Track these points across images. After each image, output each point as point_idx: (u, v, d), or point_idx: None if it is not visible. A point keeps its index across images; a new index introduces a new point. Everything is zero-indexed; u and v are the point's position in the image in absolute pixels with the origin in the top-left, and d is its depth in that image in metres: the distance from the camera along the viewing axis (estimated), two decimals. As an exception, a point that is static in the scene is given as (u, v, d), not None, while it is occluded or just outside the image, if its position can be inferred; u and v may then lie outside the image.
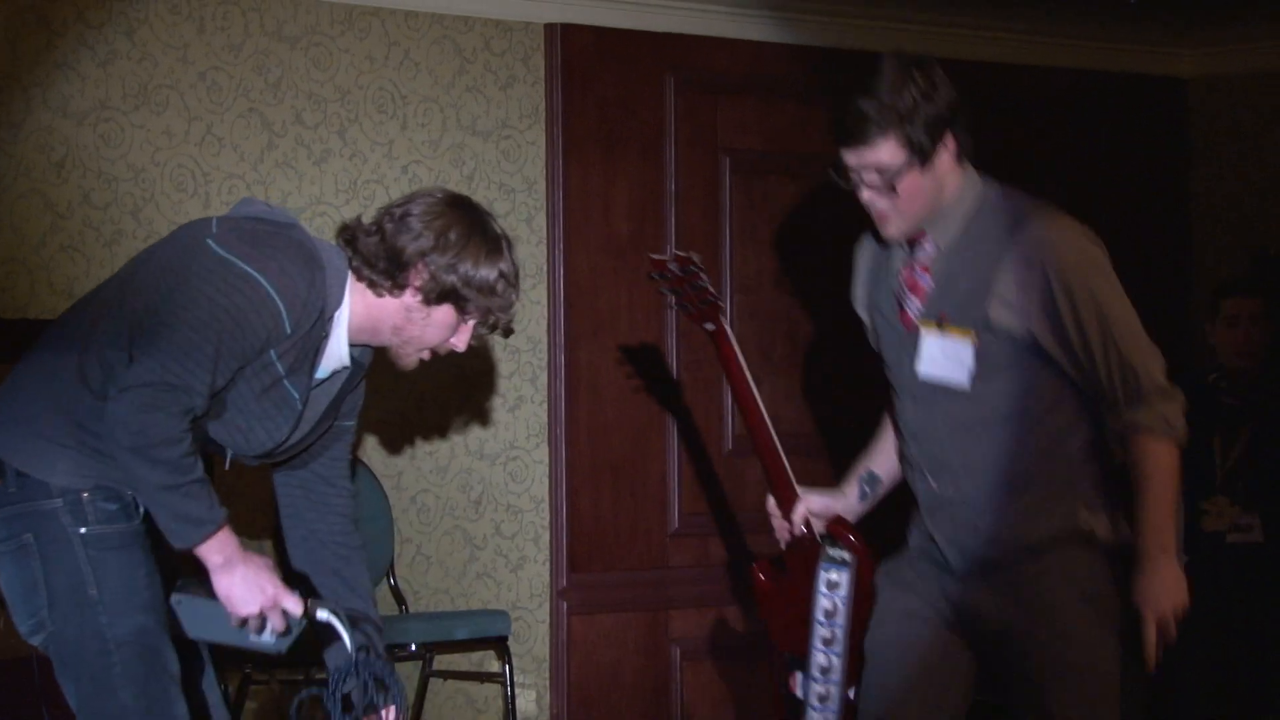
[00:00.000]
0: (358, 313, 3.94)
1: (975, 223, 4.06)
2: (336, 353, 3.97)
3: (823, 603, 4.45)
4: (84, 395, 3.80)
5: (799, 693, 4.82)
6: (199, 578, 3.82)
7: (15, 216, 6.16)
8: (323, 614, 3.84)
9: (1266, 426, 6.39)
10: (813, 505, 4.46)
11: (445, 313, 3.94)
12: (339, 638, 3.86)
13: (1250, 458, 6.40)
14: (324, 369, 3.98)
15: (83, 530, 3.79)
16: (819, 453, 7.35)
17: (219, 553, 3.74)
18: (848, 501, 4.46)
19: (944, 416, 4.07)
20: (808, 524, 4.50)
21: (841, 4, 7.53)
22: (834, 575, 4.47)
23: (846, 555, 4.41)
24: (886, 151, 4.02)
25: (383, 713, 3.96)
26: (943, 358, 4.04)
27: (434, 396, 6.91)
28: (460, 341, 4.00)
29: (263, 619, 3.79)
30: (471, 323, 3.98)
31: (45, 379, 3.87)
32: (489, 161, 7.01)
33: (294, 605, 3.80)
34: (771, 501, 4.58)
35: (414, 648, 6.44)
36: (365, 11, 6.76)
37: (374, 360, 4.15)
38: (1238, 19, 7.94)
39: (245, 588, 3.76)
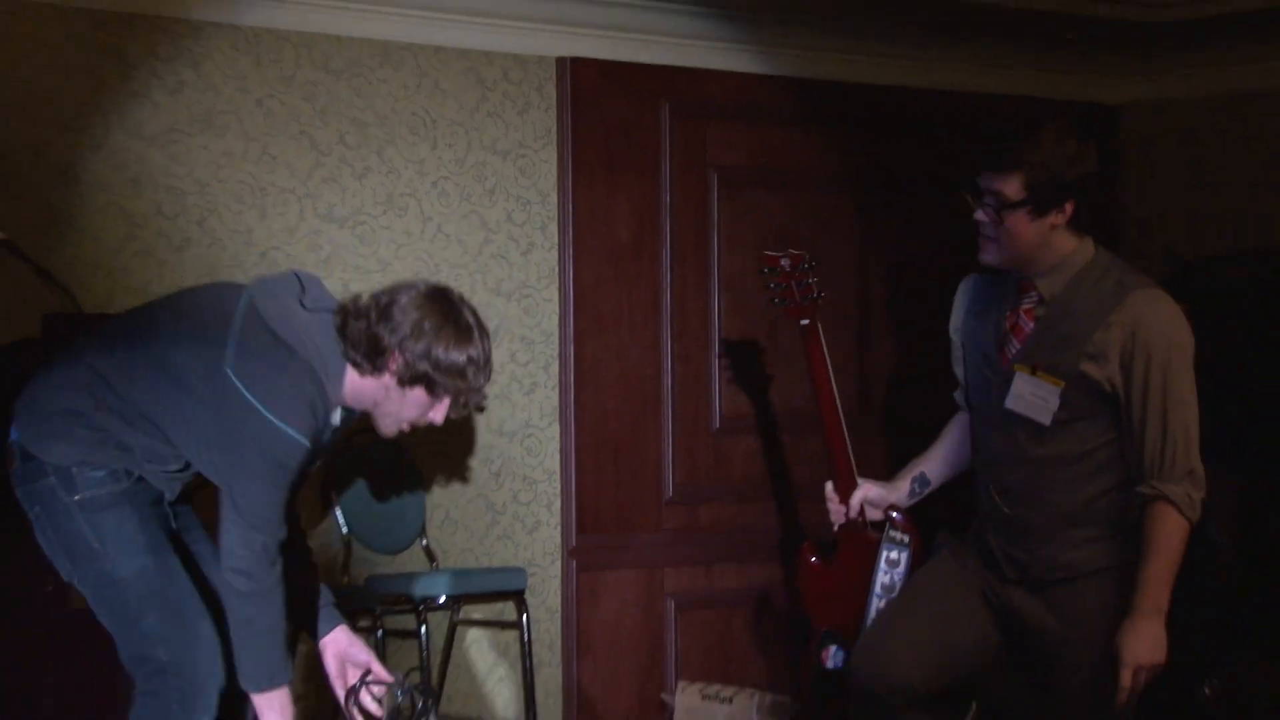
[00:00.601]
0: (350, 387, 3.97)
1: (1082, 283, 3.98)
2: (332, 418, 4.04)
3: (882, 578, 4.45)
4: (88, 403, 3.89)
5: (829, 664, 4.83)
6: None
7: (96, 226, 6.17)
8: None
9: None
10: (870, 494, 4.45)
11: (419, 394, 3.93)
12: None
13: None
14: (326, 436, 4.07)
15: (76, 498, 3.87)
16: (774, 429, 7.45)
17: (280, 714, 3.90)
18: (899, 495, 4.44)
19: (1019, 449, 4.02)
20: (861, 509, 4.48)
21: (814, 39, 7.52)
22: (894, 554, 4.48)
23: (906, 538, 4.41)
24: (1010, 185, 3.96)
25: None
26: (1030, 398, 3.98)
27: None
28: (438, 417, 4.00)
29: None
30: (445, 402, 3.97)
31: (67, 383, 3.96)
32: (508, 177, 7.01)
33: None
34: (830, 487, 4.55)
35: (443, 599, 6.43)
36: (399, 47, 6.75)
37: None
38: (1163, 51, 7.95)
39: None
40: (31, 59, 6.07)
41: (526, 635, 6.63)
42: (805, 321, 5.77)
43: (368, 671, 4.09)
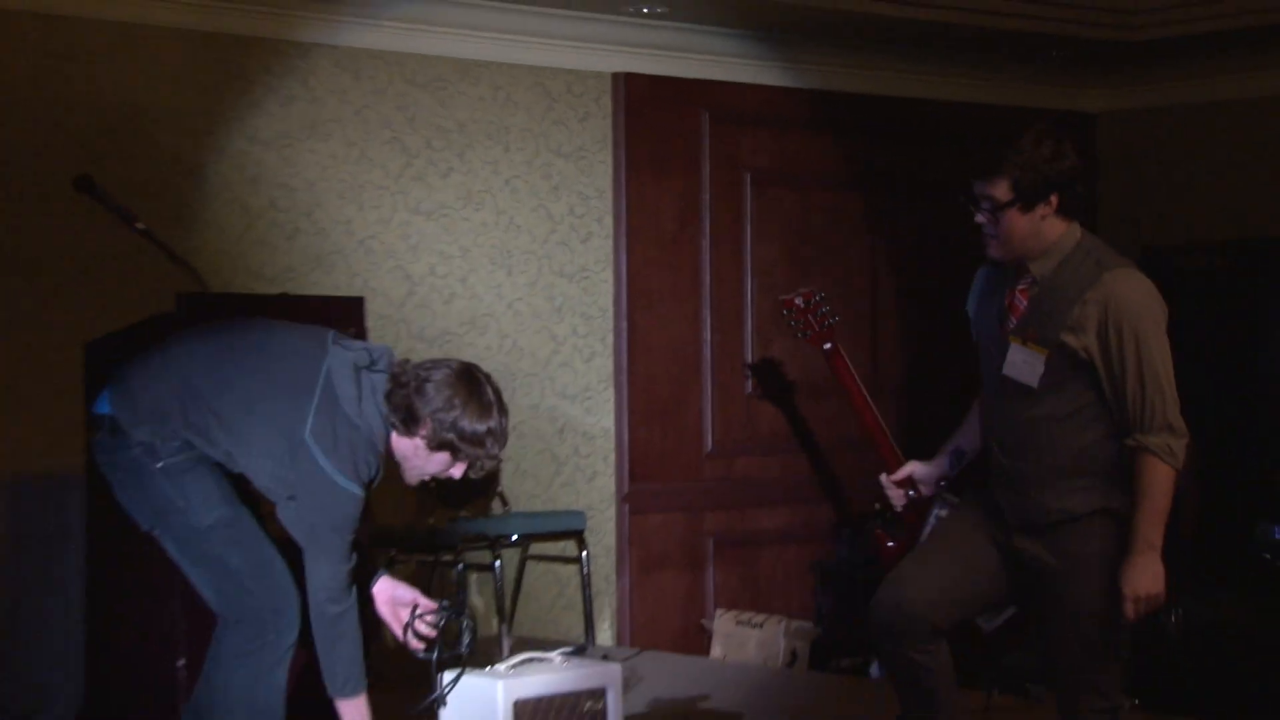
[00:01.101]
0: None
1: (1068, 265, 3.87)
2: None
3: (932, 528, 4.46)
4: (176, 409, 3.93)
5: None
6: None
7: (220, 218, 6.20)
8: None
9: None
10: (917, 473, 4.32)
11: (443, 455, 3.94)
12: None
13: None
14: None
15: (159, 465, 3.91)
16: (797, 394, 7.47)
17: (361, 716, 3.98)
18: (942, 468, 4.31)
19: (1015, 409, 3.92)
20: (914, 486, 4.39)
21: (832, 58, 7.54)
22: (944, 512, 4.47)
23: (955, 500, 4.37)
24: (999, 189, 3.85)
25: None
26: (1022, 364, 3.89)
27: (530, 351, 6.92)
28: (456, 473, 4.01)
29: None
30: (465, 463, 3.97)
31: (162, 388, 3.96)
32: (570, 176, 7.04)
33: None
34: (884, 477, 4.47)
35: (515, 538, 6.42)
36: (477, 64, 6.78)
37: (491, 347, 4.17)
38: (1136, 66, 7.93)
39: None
40: (167, 78, 6.12)
41: (586, 569, 6.62)
42: (827, 346, 5.86)
43: (415, 605, 4.12)
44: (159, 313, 4.99)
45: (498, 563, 6.31)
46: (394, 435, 3.95)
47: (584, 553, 6.64)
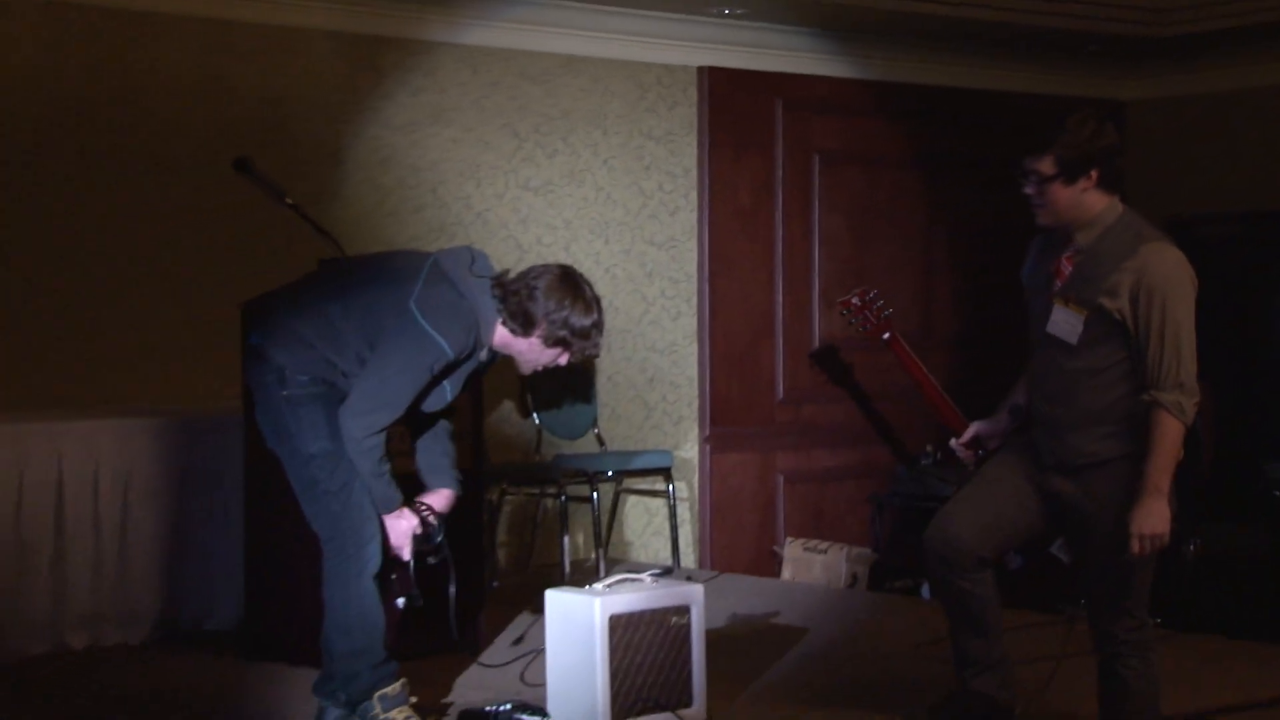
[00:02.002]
0: (499, 338, 4.00)
1: (1109, 236, 3.83)
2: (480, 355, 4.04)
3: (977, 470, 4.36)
4: (313, 334, 3.92)
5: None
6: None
7: (356, 195, 6.25)
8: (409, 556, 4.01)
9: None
10: (981, 431, 4.23)
11: (555, 350, 3.97)
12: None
13: None
14: (472, 362, 4.02)
15: (285, 393, 3.92)
16: (857, 349, 7.33)
17: (389, 516, 3.95)
18: (1003, 424, 4.21)
19: (1056, 363, 3.88)
20: (981, 444, 4.27)
21: (894, 52, 7.50)
22: None
23: None
24: (1045, 164, 3.81)
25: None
26: (1064, 323, 3.85)
27: (624, 311, 6.94)
28: (564, 361, 4.02)
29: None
30: (570, 352, 3.99)
31: (304, 319, 3.96)
32: (660, 157, 7.04)
33: (407, 553, 3.98)
34: (954, 441, 4.34)
35: (610, 474, 6.45)
36: (580, 59, 6.80)
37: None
38: (1165, 58, 7.85)
39: (392, 534, 3.97)
40: (312, 74, 6.18)
41: (672, 501, 6.66)
42: (886, 336, 5.82)
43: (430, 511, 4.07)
44: (304, 274, 4.93)
45: (595, 495, 6.33)
46: (511, 336, 3.95)
47: (670, 487, 6.67)
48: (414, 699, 4.05)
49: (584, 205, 6.89)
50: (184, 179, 5.93)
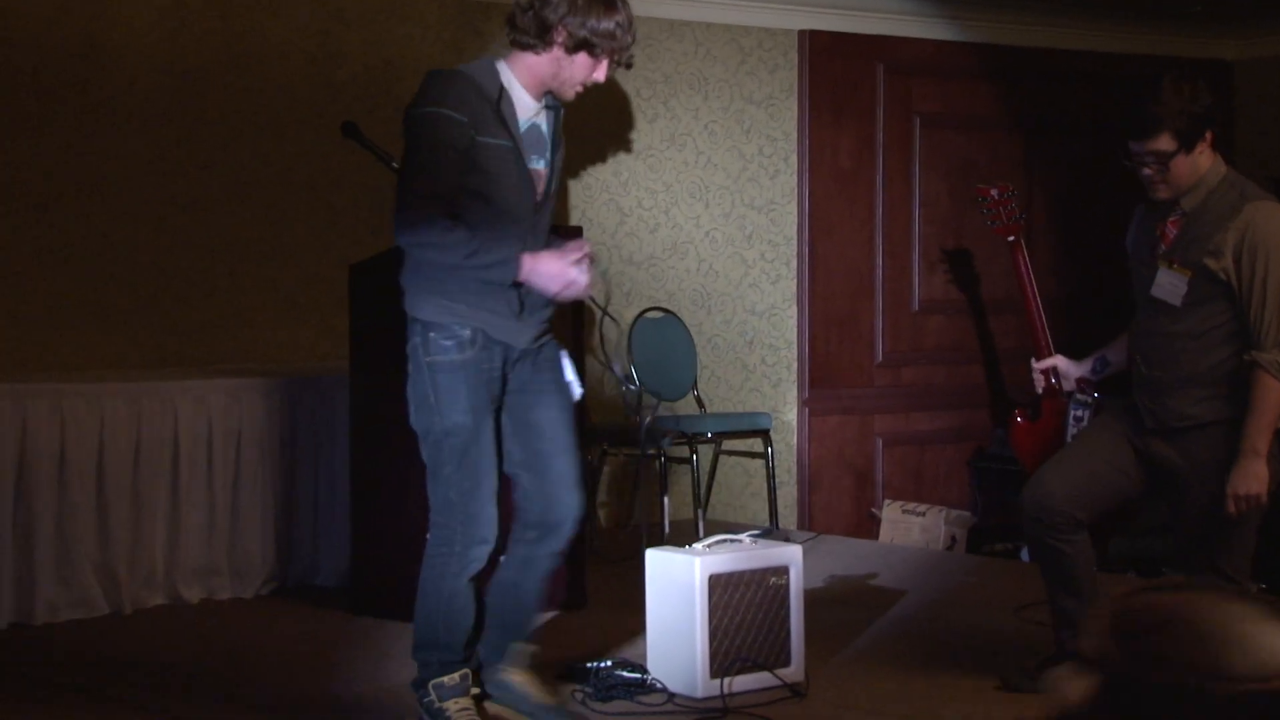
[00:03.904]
0: (523, 74, 3.65)
1: (1214, 196, 3.78)
2: (524, 103, 3.66)
3: (1071, 429, 4.34)
4: (435, 269, 3.61)
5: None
6: None
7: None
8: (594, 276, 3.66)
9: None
10: (1060, 365, 4.22)
11: (583, 58, 3.62)
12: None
13: None
14: (523, 119, 3.65)
15: (428, 360, 3.64)
16: (958, 311, 7.37)
17: (522, 274, 3.58)
18: (1084, 369, 4.20)
19: (1159, 325, 3.85)
20: (1056, 377, 4.26)
21: (992, 14, 7.41)
22: (1079, 412, 4.31)
23: (1087, 399, 4.25)
24: (1163, 142, 3.73)
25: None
26: (1168, 286, 3.80)
27: (724, 274, 6.92)
28: (600, 75, 3.66)
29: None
30: (605, 62, 3.64)
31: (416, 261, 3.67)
32: (760, 120, 7.00)
33: (579, 275, 3.59)
34: (1034, 361, 4.36)
35: (709, 435, 6.39)
36: (681, 24, 6.79)
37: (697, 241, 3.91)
38: (1272, 14, 7.67)
39: (544, 280, 3.58)
40: (417, 39, 6.20)
41: (771, 463, 6.61)
42: (1012, 238, 5.79)
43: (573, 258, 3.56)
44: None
45: (695, 456, 6.32)
46: (533, 58, 3.63)
47: (769, 449, 6.63)
48: (475, 690, 3.80)
49: (684, 169, 6.88)
50: (294, 143, 5.98)
